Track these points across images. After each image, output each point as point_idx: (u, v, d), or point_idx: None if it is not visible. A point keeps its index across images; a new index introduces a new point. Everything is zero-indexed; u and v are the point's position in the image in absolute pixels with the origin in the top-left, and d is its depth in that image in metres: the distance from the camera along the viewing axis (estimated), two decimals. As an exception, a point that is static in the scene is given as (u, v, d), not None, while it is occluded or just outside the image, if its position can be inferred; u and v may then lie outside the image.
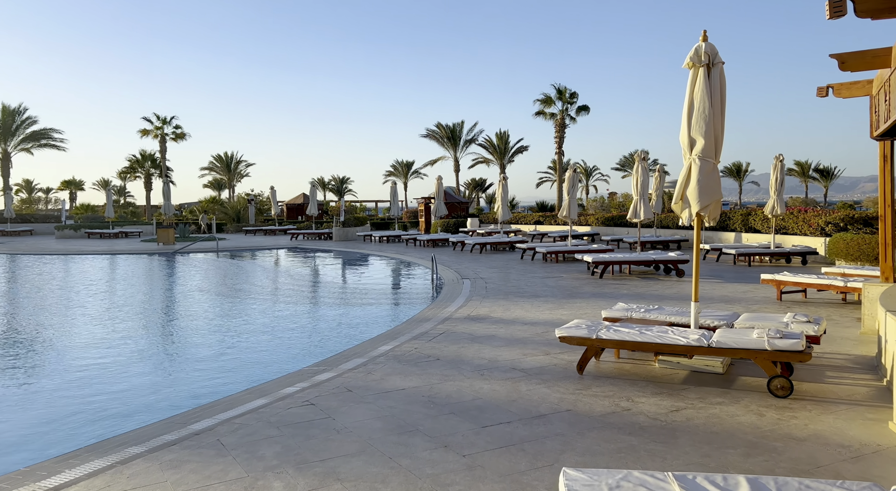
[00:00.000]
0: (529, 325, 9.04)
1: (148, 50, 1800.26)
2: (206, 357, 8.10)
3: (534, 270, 16.65)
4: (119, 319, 10.82)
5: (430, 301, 12.03)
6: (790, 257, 16.76)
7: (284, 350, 8.41)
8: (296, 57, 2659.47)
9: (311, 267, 20.03)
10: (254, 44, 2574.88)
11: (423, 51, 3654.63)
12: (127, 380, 7.08)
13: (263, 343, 8.83)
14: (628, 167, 73.94)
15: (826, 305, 10.34)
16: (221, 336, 9.41)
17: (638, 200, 15.34)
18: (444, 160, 51.54)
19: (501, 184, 23.68)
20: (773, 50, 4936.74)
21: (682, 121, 6.42)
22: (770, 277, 10.74)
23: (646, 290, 12.45)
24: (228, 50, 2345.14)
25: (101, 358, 8.09)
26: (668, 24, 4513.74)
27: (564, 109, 39.55)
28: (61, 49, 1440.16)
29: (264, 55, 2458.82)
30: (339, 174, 75.46)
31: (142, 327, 10.16)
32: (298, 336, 9.27)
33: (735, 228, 20.80)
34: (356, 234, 30.81)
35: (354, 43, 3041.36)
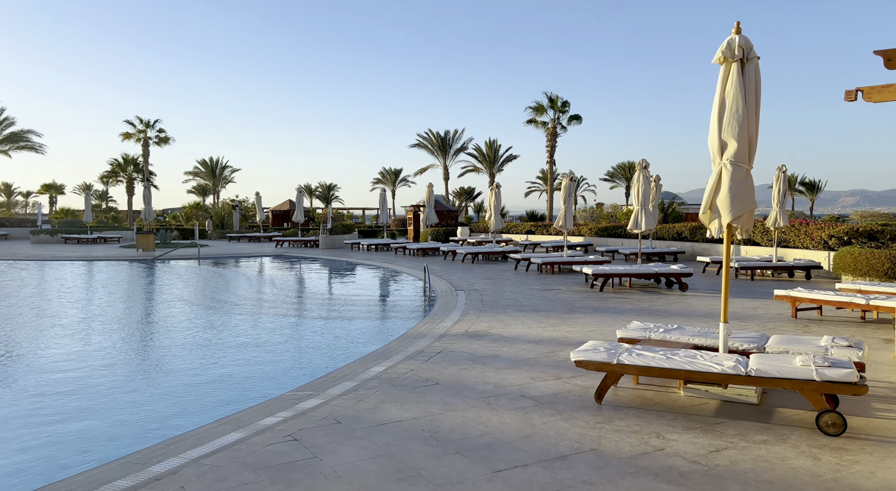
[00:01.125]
0: (533, 343, 8.34)
1: (132, 53, 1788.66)
2: (176, 378, 7.31)
3: (529, 281, 16.00)
4: (83, 332, 9.96)
5: (424, 315, 11.30)
6: (793, 271, 16.26)
7: (266, 369, 7.64)
8: (284, 63, 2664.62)
9: (297, 276, 19.21)
10: (241, 49, 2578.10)
11: (413, 57, 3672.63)
12: (86, 404, 6.27)
13: (242, 361, 8.05)
14: (616, 178, 73.89)
15: (845, 323, 9.76)
16: (196, 353, 8.61)
17: (639, 210, 14.75)
18: (433, 168, 50.96)
19: (494, 192, 23.06)
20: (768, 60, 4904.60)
21: (712, 122, 5.80)
22: (785, 293, 10.16)
23: (650, 305, 11.82)
24: (214, 54, 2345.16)
25: (59, 380, 7.27)
26: (661, 34, 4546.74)
27: (556, 118, 39.13)
28: (41, 49, 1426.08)
29: (252, 61, 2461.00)
30: (326, 181, 74.56)
31: (108, 342, 9.32)
32: (281, 353, 8.50)
33: (734, 241, 20.32)
34: (343, 241, 30.01)
35: (344, 50, 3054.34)
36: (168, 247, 29.83)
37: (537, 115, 39.37)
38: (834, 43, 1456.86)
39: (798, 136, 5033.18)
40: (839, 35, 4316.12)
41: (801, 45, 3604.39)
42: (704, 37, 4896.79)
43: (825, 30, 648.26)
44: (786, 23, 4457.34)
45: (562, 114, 39.15)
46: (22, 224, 41.70)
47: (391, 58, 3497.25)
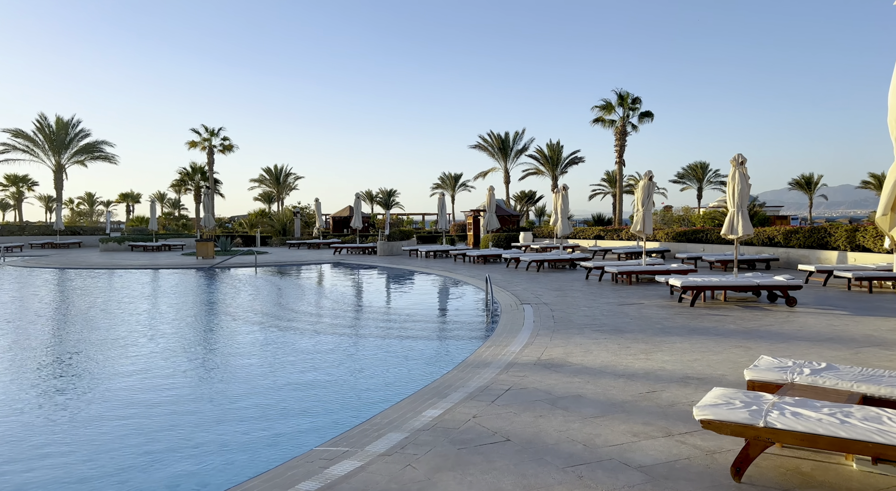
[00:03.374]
0: (625, 378, 6.74)
1: (200, 64, 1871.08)
2: (184, 417, 6.14)
3: (604, 293, 14.27)
4: (92, 357, 9.05)
5: (487, 334, 9.85)
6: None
7: (294, 407, 6.37)
8: (344, 71, 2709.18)
9: (349, 286, 18.15)
10: (303, 55, 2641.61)
11: (472, 60, 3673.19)
12: (69, 454, 5.16)
13: (268, 395, 6.82)
14: (687, 179, 70.20)
15: None
16: (215, 381, 7.47)
17: (735, 212, 12.78)
18: (494, 172, 49.53)
19: (561, 194, 21.36)
20: (852, 57, 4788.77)
21: (892, 98, 4.12)
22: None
23: (756, 324, 9.93)
24: (278, 65, 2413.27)
25: (50, 412, 6.25)
26: (731, 30, 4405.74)
27: (626, 116, 36.91)
28: (112, 61, 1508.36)
29: (313, 70, 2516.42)
30: (386, 187, 74.46)
31: (108, 370, 8.34)
32: (316, 385, 7.22)
33: (838, 246, 17.85)
34: (402, 248, 28.94)
35: (406, 52, 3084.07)
36: (227, 254, 29.62)
37: (605, 113, 37.28)
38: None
39: (878, 130, 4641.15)
40: None
41: None
42: (774, 32, 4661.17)
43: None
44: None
45: (632, 111, 36.90)
46: (94, 232, 42.97)
47: (452, 61, 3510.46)
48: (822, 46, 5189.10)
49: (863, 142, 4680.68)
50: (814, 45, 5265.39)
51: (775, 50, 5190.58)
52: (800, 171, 76.14)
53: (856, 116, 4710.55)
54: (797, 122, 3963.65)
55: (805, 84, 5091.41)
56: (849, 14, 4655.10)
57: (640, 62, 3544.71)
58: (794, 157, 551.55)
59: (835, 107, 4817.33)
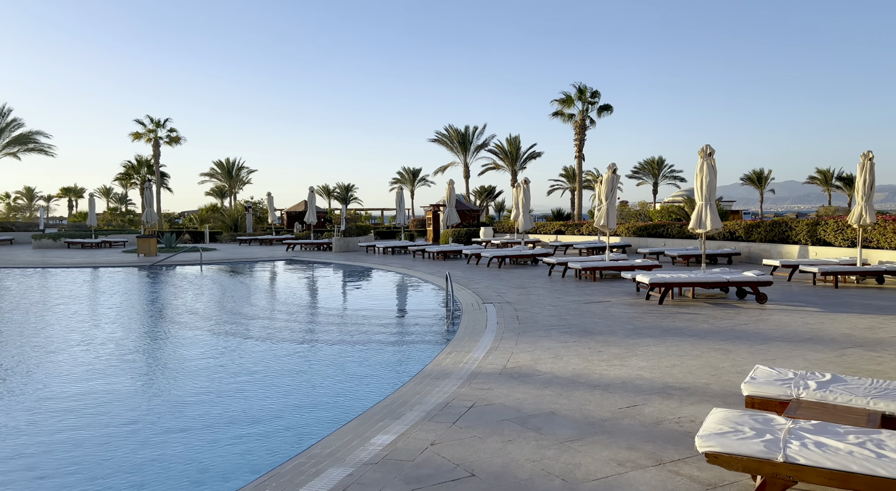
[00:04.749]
0: (601, 389, 6.03)
1: (147, 54, 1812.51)
2: (91, 450, 5.14)
3: (568, 290, 13.65)
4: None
5: (447, 338, 9.04)
6: (882, 276, 13.69)
7: (226, 435, 5.43)
8: (300, 63, 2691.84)
9: (300, 285, 17.08)
10: (256, 49, 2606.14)
11: (431, 54, 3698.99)
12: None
13: (197, 418, 5.85)
14: (643, 175, 70.92)
15: None
16: (133, 403, 6.46)
17: (703, 206, 12.31)
18: (453, 166, 48.75)
19: (522, 189, 20.73)
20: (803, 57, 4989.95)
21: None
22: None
23: (731, 323, 9.42)
24: (230, 55, 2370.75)
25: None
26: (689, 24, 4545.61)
27: (585, 110, 36.64)
28: (50, 49, 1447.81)
29: (267, 61, 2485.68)
30: (344, 181, 72.95)
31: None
32: (247, 405, 6.27)
33: (799, 240, 17.73)
34: (358, 244, 27.89)
35: (360, 47, 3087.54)
36: (172, 251, 28.00)
37: (564, 107, 36.92)
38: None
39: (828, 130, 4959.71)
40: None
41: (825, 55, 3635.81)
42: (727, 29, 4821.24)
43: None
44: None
45: (591, 105, 36.65)
46: (29, 228, 40.34)
47: (411, 55, 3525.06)
48: (773, 44, 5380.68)
49: (809, 139, 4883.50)
50: (765, 42, 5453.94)
51: (729, 47, 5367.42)
52: (749, 167, 78.19)
53: (802, 113, 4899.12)
54: (747, 117, 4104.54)
55: (755, 80, 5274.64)
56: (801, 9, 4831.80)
57: (598, 56, 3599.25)
58: (744, 154, 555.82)
59: (783, 103, 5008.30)
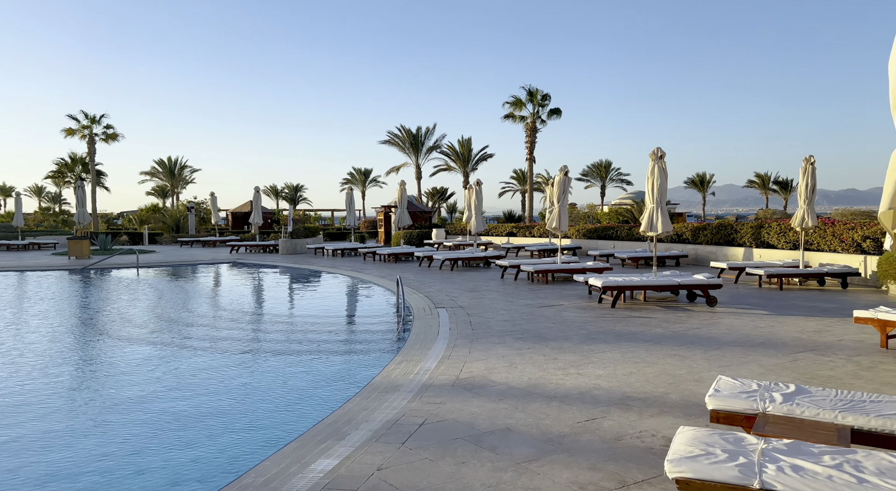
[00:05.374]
0: (558, 401, 5.75)
1: (85, 48, 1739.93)
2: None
3: (521, 293, 13.45)
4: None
5: (397, 346, 8.64)
6: (824, 279, 14.05)
7: (152, 461, 4.88)
8: (247, 60, 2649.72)
9: (242, 290, 16.33)
10: (200, 45, 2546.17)
11: (383, 53, 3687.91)
12: None
13: (109, 442, 5.26)
14: (591, 177, 72.11)
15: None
16: (43, 421, 5.80)
17: (654, 209, 12.31)
18: (405, 167, 48.21)
19: (474, 190, 20.49)
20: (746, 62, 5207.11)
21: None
22: (870, 316, 7.78)
23: (684, 327, 9.36)
24: (175, 52, 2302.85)
25: None
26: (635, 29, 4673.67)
27: (536, 113, 36.81)
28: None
29: (213, 58, 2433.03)
30: (293, 181, 71.39)
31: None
32: (184, 425, 5.73)
33: (744, 243, 18.11)
34: (306, 246, 27.09)
35: (309, 45, 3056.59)
36: (107, 253, 26.54)
37: (515, 109, 37.00)
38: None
39: (766, 135, 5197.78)
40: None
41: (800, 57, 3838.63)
42: (668, 35, 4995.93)
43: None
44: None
45: (541, 108, 36.86)
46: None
47: (363, 54, 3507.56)
48: (715, 50, 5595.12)
49: (748, 143, 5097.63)
50: (708, 49, 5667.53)
51: (674, 52, 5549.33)
52: (692, 171, 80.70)
53: (742, 118, 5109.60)
54: (690, 122, 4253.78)
55: (698, 86, 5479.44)
56: (745, 16, 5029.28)
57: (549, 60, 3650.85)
58: (687, 158, 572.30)
59: (723, 108, 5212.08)
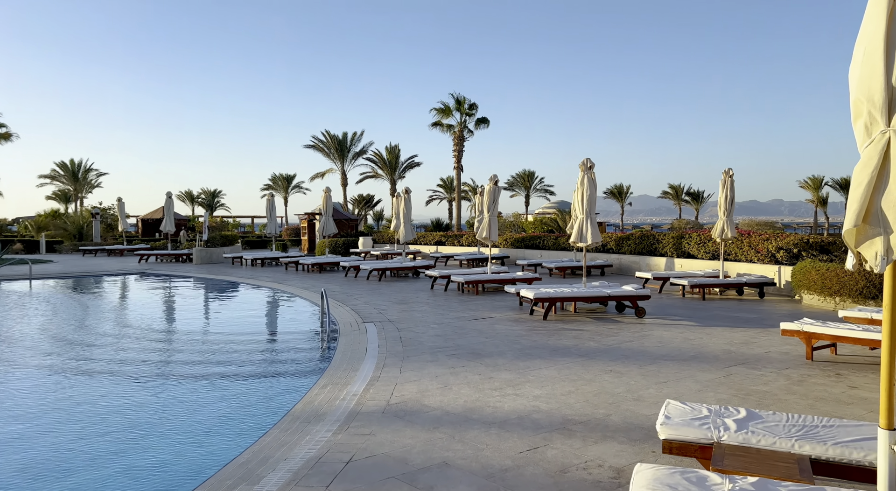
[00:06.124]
0: (497, 428, 5.36)
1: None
2: None
3: (451, 305, 13.09)
4: None
5: (321, 366, 8.00)
6: (742, 289, 14.52)
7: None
8: (164, 61, 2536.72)
9: (148, 305, 15.07)
10: (111, 44, 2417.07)
11: (307, 56, 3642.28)
12: None
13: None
14: (516, 187, 73.34)
15: (872, 366, 7.64)
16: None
17: (584, 220, 12.27)
18: (331, 173, 47.06)
19: (403, 199, 20.02)
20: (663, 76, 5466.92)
21: (869, 59, 3.11)
22: (796, 328, 7.89)
23: (616, 341, 9.25)
24: (82, 50, 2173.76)
25: None
26: (564, 39, 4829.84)
27: (463, 121, 36.84)
28: None
29: (125, 57, 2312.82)
30: (210, 187, 68.29)
31: None
32: (58, 470, 4.89)
33: (666, 253, 18.59)
34: (223, 255, 25.68)
35: (229, 48, 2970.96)
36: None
37: (443, 117, 36.91)
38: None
39: (682, 149, 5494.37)
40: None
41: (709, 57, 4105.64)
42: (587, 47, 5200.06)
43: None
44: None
45: (469, 117, 36.94)
46: None
47: (287, 57, 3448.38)
48: (630, 64, 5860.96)
49: (662, 156, 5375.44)
50: (623, 62, 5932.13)
51: (591, 65, 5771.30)
52: (611, 182, 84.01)
53: (656, 130, 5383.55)
54: (606, 134, 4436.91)
55: (612, 98, 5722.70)
56: (663, 29, 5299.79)
57: (476, 70, 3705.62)
58: (604, 168, 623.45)
59: (637, 120, 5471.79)
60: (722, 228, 14.54)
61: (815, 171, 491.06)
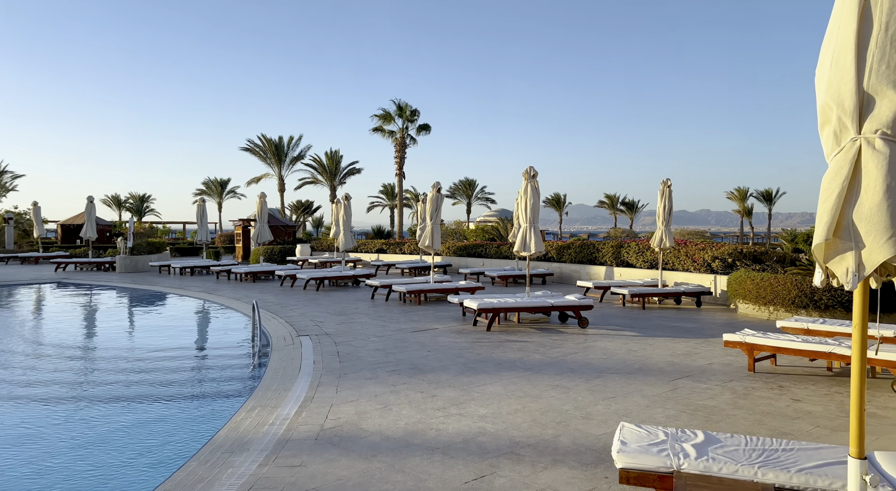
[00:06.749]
0: (441, 453, 4.96)
1: None
2: None
3: (393, 315, 12.63)
4: None
5: (250, 386, 7.40)
6: (681, 298, 14.72)
7: None
8: (87, 60, 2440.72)
9: (61, 317, 13.89)
10: (27, 40, 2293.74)
11: (242, 59, 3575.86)
12: None
13: None
14: (458, 195, 73.53)
15: (812, 377, 7.70)
16: None
17: (528, 228, 12.09)
18: (268, 178, 45.64)
19: (343, 205, 19.43)
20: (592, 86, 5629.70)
21: (839, 61, 2.92)
22: (737, 339, 7.88)
23: (561, 353, 9.04)
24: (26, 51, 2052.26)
25: None
26: (501, 51, 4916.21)
27: (405, 128, 36.47)
28: None
29: (43, 53, 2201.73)
30: (139, 191, 65.06)
31: None
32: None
33: (605, 262, 18.74)
34: (150, 263, 24.26)
35: (160, 49, 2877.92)
36: None
37: (384, 123, 36.43)
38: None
39: (613, 160, 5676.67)
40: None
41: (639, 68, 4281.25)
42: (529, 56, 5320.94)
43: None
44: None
45: (410, 123, 36.60)
46: None
47: (224, 58, 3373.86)
48: (565, 77, 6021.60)
49: (598, 165, 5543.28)
50: (559, 74, 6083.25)
51: (526, 76, 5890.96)
52: (549, 191, 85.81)
53: (592, 140, 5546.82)
54: (545, 142, 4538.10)
55: (550, 107, 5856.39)
56: (601, 41, 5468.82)
57: (418, 79, 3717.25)
58: (541, 177, 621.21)
59: (575, 131, 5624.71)
60: (661, 238, 14.71)
61: (739, 182, 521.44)
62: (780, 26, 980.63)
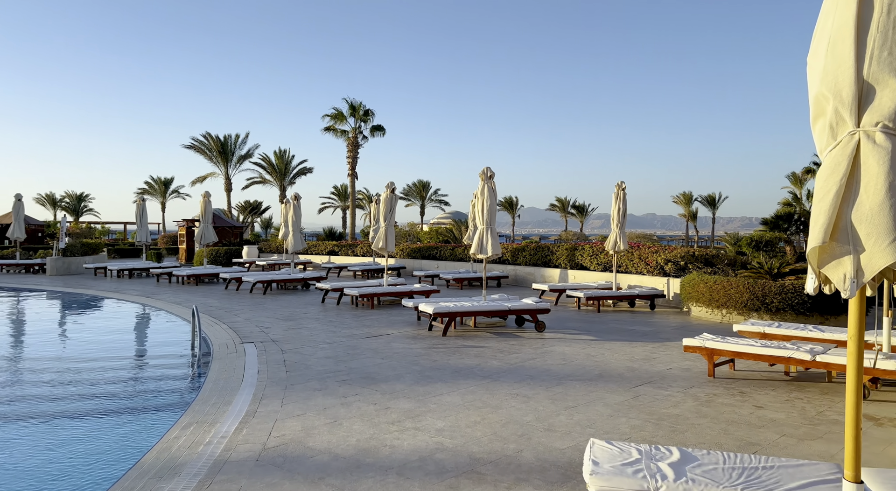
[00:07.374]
0: (396, 474, 4.55)
1: None
2: None
3: (344, 321, 12.12)
4: None
5: (186, 400, 6.80)
6: (635, 300, 14.71)
7: None
8: (28, 53, 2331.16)
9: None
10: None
11: (185, 54, 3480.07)
12: None
13: None
14: (412, 197, 73.09)
15: (771, 382, 7.63)
16: None
17: (484, 231, 11.80)
18: (214, 177, 44.05)
19: (292, 205, 18.74)
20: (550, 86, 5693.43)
21: (835, 49, 2.67)
22: (697, 344, 7.75)
23: (519, 358, 8.75)
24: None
25: None
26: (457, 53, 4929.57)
27: (358, 128, 35.81)
28: None
29: None
30: (75, 190, 61.96)
31: None
32: None
33: (559, 264, 18.67)
34: (84, 266, 22.88)
35: (101, 44, 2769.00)
36: None
37: (337, 122, 35.67)
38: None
39: (563, 164, 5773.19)
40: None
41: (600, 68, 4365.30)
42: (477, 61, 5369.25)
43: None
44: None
45: (364, 123, 35.97)
46: None
47: (163, 50, 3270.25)
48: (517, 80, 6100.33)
49: (549, 170, 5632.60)
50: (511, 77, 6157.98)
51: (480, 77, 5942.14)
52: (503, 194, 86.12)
53: (545, 145, 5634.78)
54: (496, 146, 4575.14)
55: (501, 111, 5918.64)
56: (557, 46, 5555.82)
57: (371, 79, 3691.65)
58: (496, 180, 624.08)
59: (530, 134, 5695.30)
60: (615, 241, 14.68)
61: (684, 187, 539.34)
62: (728, 27, 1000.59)
